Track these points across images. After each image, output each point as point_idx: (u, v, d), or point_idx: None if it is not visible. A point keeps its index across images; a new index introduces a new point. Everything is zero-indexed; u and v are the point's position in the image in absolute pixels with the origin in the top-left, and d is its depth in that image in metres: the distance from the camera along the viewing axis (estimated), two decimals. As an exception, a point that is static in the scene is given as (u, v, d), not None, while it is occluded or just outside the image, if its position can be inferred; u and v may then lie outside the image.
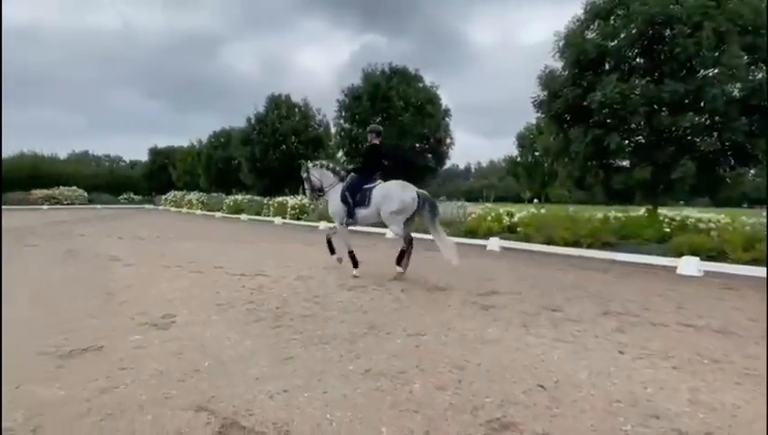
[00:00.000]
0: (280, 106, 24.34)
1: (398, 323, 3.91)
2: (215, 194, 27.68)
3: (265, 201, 21.08)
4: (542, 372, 2.85)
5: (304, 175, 6.76)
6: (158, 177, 41.33)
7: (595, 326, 3.91)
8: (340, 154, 21.10)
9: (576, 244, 8.95)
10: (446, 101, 24.37)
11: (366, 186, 6.02)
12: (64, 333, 3.51)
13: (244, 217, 21.10)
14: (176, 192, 32.88)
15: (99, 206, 33.42)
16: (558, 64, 10.36)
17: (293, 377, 2.71)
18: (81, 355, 3.04)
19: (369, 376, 2.75)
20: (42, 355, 3.02)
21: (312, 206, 15.80)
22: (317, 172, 6.62)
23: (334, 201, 6.31)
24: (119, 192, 39.20)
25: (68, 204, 32.85)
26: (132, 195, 39.22)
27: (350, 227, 6.44)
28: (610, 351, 3.28)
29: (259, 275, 6.16)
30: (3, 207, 28.65)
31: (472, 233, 10.94)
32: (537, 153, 27.82)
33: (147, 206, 35.90)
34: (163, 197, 34.31)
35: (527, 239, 9.79)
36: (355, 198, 6.02)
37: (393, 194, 5.84)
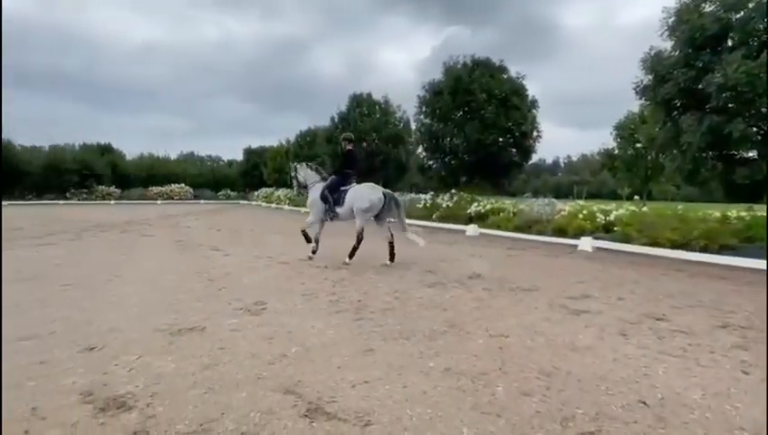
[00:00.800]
0: (361, 104, 24.93)
1: (479, 322, 3.79)
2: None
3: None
4: (644, 387, 2.55)
5: (292, 174, 7.66)
6: (252, 174, 44.66)
7: (710, 340, 3.42)
8: (419, 150, 20.95)
9: (686, 246, 7.92)
10: (533, 91, 23.09)
11: (343, 187, 6.85)
12: (175, 313, 3.96)
13: (327, 212, 22.07)
14: (266, 189, 35.38)
15: (202, 201, 37.40)
16: (666, 45, 9.22)
17: (374, 369, 2.76)
18: (188, 334, 3.41)
19: (449, 375, 2.69)
20: (157, 332, 3.44)
21: None
22: (302, 171, 7.49)
23: (313, 197, 7.13)
24: (218, 189, 43.34)
25: (178, 199, 37.35)
26: (229, 191, 43.09)
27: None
28: (730, 370, 2.85)
29: (340, 268, 6.39)
30: (127, 201, 33.49)
31: (561, 232, 10.23)
32: (639, 145, 24.91)
33: (242, 201, 39.17)
34: (255, 193, 37.18)
35: (626, 240, 8.89)
36: (334, 197, 6.84)
37: (363, 195, 6.69)
